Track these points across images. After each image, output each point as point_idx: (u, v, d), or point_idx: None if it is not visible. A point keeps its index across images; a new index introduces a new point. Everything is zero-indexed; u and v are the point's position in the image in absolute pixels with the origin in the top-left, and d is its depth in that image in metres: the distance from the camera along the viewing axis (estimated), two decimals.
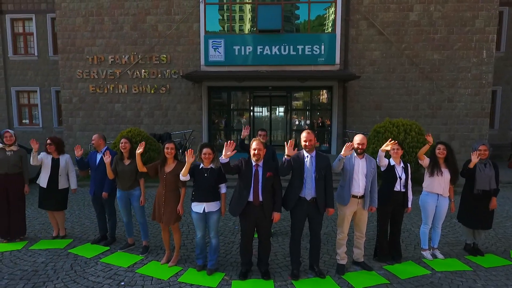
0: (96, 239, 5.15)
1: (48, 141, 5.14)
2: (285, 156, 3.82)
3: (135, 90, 11.96)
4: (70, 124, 12.27)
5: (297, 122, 12.67)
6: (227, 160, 3.75)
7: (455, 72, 11.34)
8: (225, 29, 11.68)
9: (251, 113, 12.27)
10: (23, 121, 15.14)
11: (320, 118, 12.36)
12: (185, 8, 11.56)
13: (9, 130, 5.17)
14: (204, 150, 4.07)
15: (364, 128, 11.53)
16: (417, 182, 6.77)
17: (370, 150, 8.91)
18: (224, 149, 3.75)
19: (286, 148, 3.82)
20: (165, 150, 4.25)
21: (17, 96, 14.92)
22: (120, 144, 4.71)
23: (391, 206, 4.40)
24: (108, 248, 4.93)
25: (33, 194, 7.03)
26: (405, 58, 11.36)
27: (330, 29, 11.44)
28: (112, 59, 11.89)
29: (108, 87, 12.00)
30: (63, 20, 11.87)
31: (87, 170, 5.15)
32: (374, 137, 9.11)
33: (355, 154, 4.14)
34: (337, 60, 11.39)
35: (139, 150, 4.29)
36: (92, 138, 5.12)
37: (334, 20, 11.34)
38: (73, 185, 5.34)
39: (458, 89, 11.39)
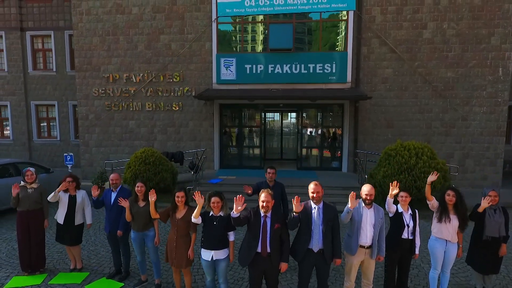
0: (111, 274, 5.35)
1: (69, 179, 5.35)
2: (293, 213, 3.89)
3: (148, 107, 12.23)
4: (86, 140, 12.65)
5: (308, 133, 12.56)
6: (238, 214, 3.86)
7: (470, 90, 11.16)
8: (237, 48, 11.81)
9: (263, 129, 12.34)
10: (42, 134, 15.66)
11: (332, 129, 12.23)
12: (198, 27, 11.75)
13: (30, 169, 5.42)
14: (213, 199, 4.18)
15: (376, 147, 11.50)
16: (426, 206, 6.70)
17: (381, 173, 8.90)
18: (234, 204, 3.86)
19: (293, 204, 3.88)
20: (176, 199, 4.38)
21: (36, 110, 15.44)
22: (136, 188, 4.87)
23: (398, 252, 4.43)
24: (123, 284, 5.11)
25: (51, 215, 7.31)
26: (417, 76, 11.25)
27: (341, 48, 11.43)
28: (127, 77, 12.19)
29: (123, 104, 12.31)
30: (80, 40, 12.24)
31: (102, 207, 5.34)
32: (385, 160, 9.08)
33: (363, 204, 4.18)
34: (349, 78, 11.37)
35: (152, 198, 4.43)
36: (111, 178, 5.27)
37: (346, 38, 11.33)
38: (89, 220, 5.56)
39: (472, 107, 11.21)
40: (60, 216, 5.35)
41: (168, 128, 12.29)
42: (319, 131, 12.25)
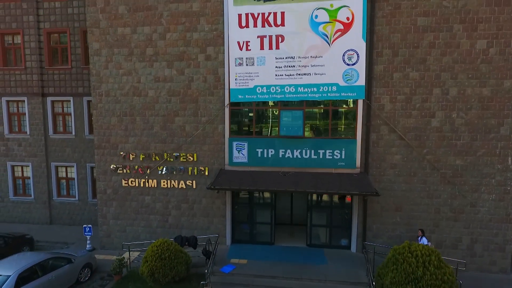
0: None
1: None
2: None
3: (163, 184, 12.72)
4: (104, 213, 13.21)
5: (318, 212, 12.56)
6: None
7: (479, 178, 11.29)
8: (249, 132, 12.19)
9: (273, 211, 12.67)
10: (61, 193, 16.33)
11: (341, 210, 12.49)
12: (211, 110, 12.18)
13: None
14: None
15: (385, 229, 11.76)
16: None
17: (388, 279, 9.14)
18: None
19: None
20: None
21: (56, 171, 16.13)
22: None
23: None
24: None
25: None
26: (426, 163, 11.43)
27: (351, 134, 11.69)
28: (143, 156, 12.70)
29: (139, 181, 12.82)
30: (99, 119, 12.81)
31: None
32: (393, 263, 9.29)
33: None
34: (358, 163, 11.63)
35: None
36: None
37: (355, 125, 11.60)
38: None
39: (481, 194, 11.34)
40: None
41: (182, 204, 12.76)
42: (329, 212, 12.50)
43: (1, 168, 16.31)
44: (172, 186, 12.71)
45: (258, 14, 11.39)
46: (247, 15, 11.44)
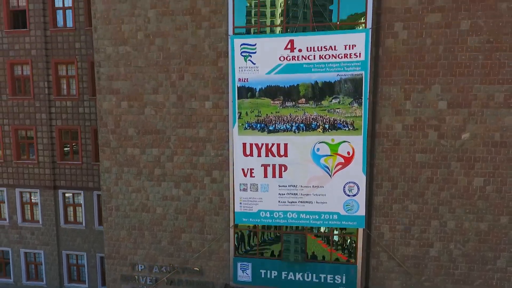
0: None
1: None
2: None
3: None
4: None
5: None
6: None
7: None
8: (253, 253, 12.66)
9: None
10: (72, 278, 16.94)
11: None
12: (217, 229, 12.66)
13: None
14: None
15: None
16: None
17: None
18: None
19: None
20: None
21: (67, 258, 16.75)
22: None
23: None
24: None
25: None
26: None
27: (351, 260, 12.09)
28: (151, 268, 13.22)
29: None
30: (109, 231, 13.36)
31: None
32: None
33: None
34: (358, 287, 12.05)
35: None
36: None
37: (356, 251, 12.00)
38: None
39: None
40: None
41: None
42: None
43: (15, 254, 16.98)
44: None
45: (262, 144, 11.82)
46: (251, 144, 11.88)
